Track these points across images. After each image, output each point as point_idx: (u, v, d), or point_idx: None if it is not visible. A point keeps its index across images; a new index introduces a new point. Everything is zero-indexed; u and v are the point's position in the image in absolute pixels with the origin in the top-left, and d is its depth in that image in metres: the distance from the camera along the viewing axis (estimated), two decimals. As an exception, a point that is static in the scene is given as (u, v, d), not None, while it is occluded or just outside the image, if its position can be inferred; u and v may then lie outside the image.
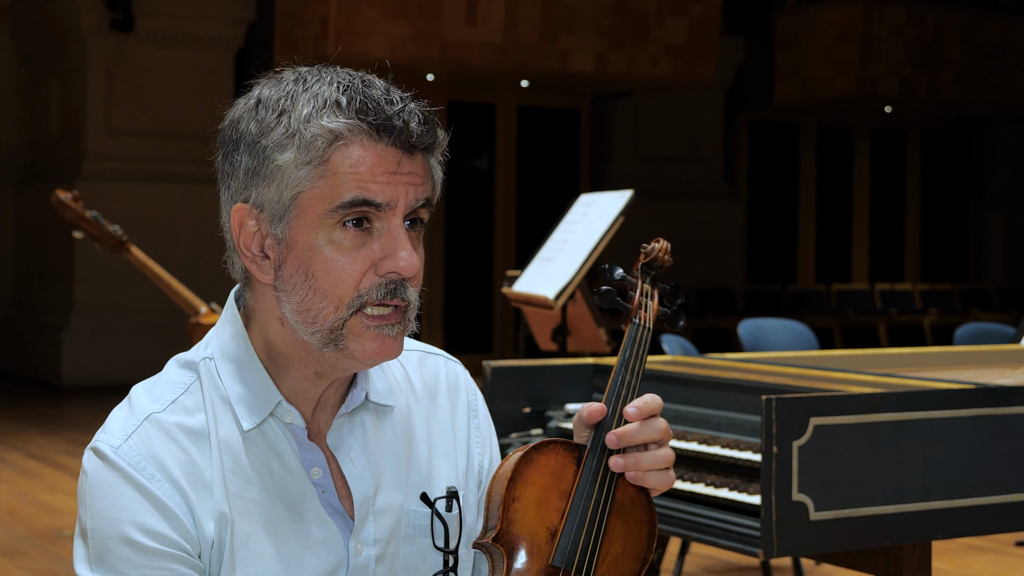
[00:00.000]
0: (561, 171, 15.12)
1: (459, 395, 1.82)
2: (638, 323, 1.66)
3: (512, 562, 1.58)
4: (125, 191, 12.86)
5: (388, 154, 1.56)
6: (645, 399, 1.62)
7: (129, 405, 1.65)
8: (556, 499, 1.59)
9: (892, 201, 18.15)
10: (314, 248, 1.56)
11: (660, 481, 1.62)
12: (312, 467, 1.65)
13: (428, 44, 12.22)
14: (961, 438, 2.94)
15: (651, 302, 1.69)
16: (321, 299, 1.57)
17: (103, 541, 1.57)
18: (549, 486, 1.60)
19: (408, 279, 1.58)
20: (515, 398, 3.52)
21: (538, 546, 1.58)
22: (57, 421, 10.93)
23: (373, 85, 1.58)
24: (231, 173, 1.61)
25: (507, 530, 1.58)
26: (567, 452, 1.62)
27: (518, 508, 1.58)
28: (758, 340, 5.97)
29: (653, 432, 1.61)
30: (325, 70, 1.61)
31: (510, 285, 5.59)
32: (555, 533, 1.59)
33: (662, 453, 1.61)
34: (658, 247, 1.70)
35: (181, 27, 13.27)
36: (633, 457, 1.60)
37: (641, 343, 1.65)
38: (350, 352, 1.59)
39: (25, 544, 6.45)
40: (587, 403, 1.64)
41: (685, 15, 13.45)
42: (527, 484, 1.59)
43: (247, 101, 1.61)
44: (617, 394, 1.62)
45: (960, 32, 15.84)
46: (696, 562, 6.04)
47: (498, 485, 1.60)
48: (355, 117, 1.55)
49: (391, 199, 1.56)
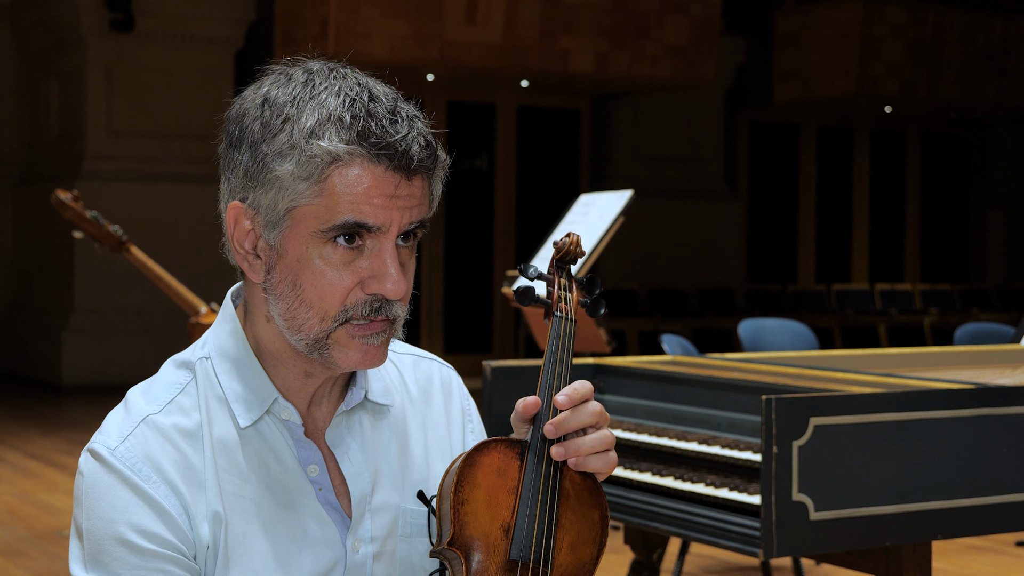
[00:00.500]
0: (561, 171, 15.12)
1: (452, 399, 1.83)
2: (560, 315, 1.70)
3: (470, 563, 1.60)
4: (125, 191, 12.86)
5: (387, 177, 1.56)
6: (574, 386, 1.63)
7: (125, 407, 1.65)
8: (504, 496, 1.61)
9: (892, 201, 18.15)
10: (304, 260, 1.57)
11: (601, 463, 1.63)
12: (309, 464, 1.66)
13: (428, 44, 12.22)
14: (961, 438, 2.94)
15: (570, 295, 1.72)
16: (307, 310, 1.58)
17: (99, 542, 1.57)
18: (496, 484, 1.62)
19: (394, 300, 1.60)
20: (515, 398, 3.49)
21: (493, 544, 1.60)
22: (57, 421, 10.93)
23: (379, 100, 1.57)
24: (231, 167, 1.62)
25: (460, 533, 1.60)
26: (509, 449, 1.64)
27: (468, 510, 1.60)
28: (758, 340, 5.97)
29: (587, 416, 1.62)
30: (335, 74, 1.59)
31: (510, 285, 5.59)
32: (508, 529, 1.61)
33: (599, 435, 1.62)
34: (569, 240, 1.73)
35: (181, 27, 13.27)
36: (573, 444, 1.61)
37: (566, 334, 1.68)
38: (334, 361, 1.60)
39: (25, 544, 6.45)
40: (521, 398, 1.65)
41: (685, 15, 13.45)
42: (473, 485, 1.61)
43: (255, 96, 1.61)
44: (549, 386, 1.65)
45: (960, 32, 15.84)
46: (696, 562, 6.03)
47: (445, 491, 1.62)
48: (356, 141, 1.54)
49: (384, 222, 1.56)
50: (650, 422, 3.54)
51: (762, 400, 2.76)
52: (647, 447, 3.40)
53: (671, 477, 3.28)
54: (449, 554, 1.61)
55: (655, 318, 13.09)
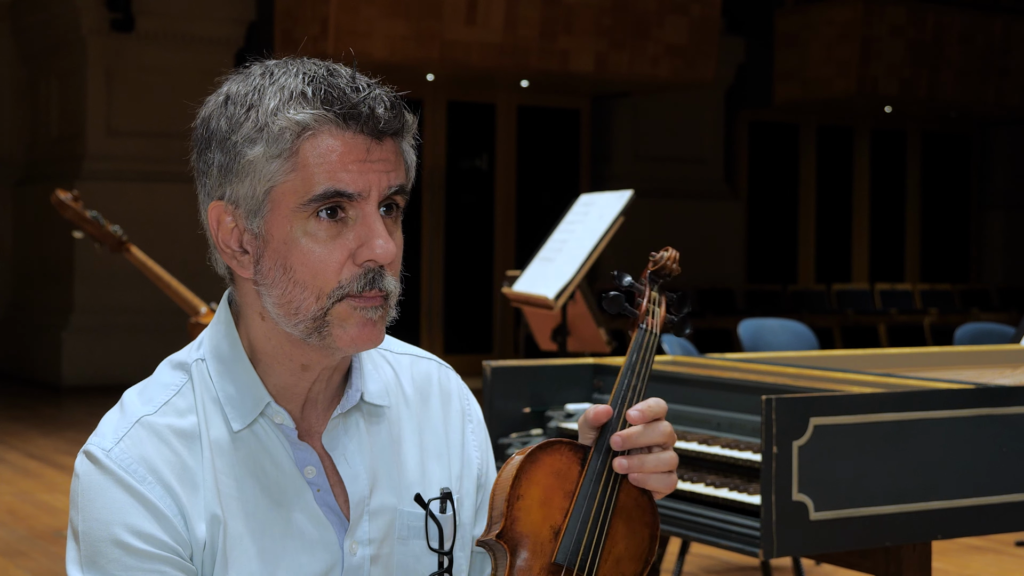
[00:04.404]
0: (561, 171, 15.12)
1: (451, 399, 1.82)
2: (645, 328, 1.70)
3: (515, 559, 1.60)
4: (125, 191, 12.86)
5: (357, 142, 1.56)
6: (649, 403, 1.63)
7: (121, 409, 1.65)
8: (560, 498, 1.61)
9: (892, 201, 18.14)
10: (290, 240, 1.57)
11: (662, 484, 1.63)
12: (306, 466, 1.65)
13: (428, 44, 12.22)
14: (961, 438, 2.94)
15: (658, 309, 1.72)
16: (302, 290, 1.57)
17: (95, 543, 1.57)
18: (553, 485, 1.62)
19: (386, 266, 1.59)
20: (515, 398, 3.52)
21: (541, 544, 1.60)
22: (57, 421, 10.93)
23: (338, 74, 1.59)
24: (205, 171, 1.63)
25: (511, 527, 1.60)
26: (572, 452, 1.64)
27: (522, 506, 1.60)
28: (758, 340, 5.97)
29: (657, 435, 1.62)
30: (292, 62, 1.61)
31: (510, 285, 5.59)
32: (558, 532, 1.60)
33: (665, 456, 1.63)
34: (667, 256, 1.74)
35: (181, 27, 13.27)
36: (637, 459, 1.61)
37: (647, 348, 1.68)
38: (333, 339, 1.59)
39: (25, 544, 6.45)
40: (593, 405, 1.66)
41: (685, 15, 13.45)
42: (532, 483, 1.61)
43: (216, 98, 1.63)
44: (623, 397, 1.65)
45: (960, 32, 15.84)
46: (696, 562, 6.03)
47: (503, 483, 1.62)
48: (321, 107, 1.55)
49: (363, 188, 1.56)
50: (650, 422, 3.53)
51: (762, 400, 2.76)
52: (647, 447, 3.40)
53: (671, 477, 3.27)
54: (496, 547, 1.61)
55: (655, 318, 13.05)
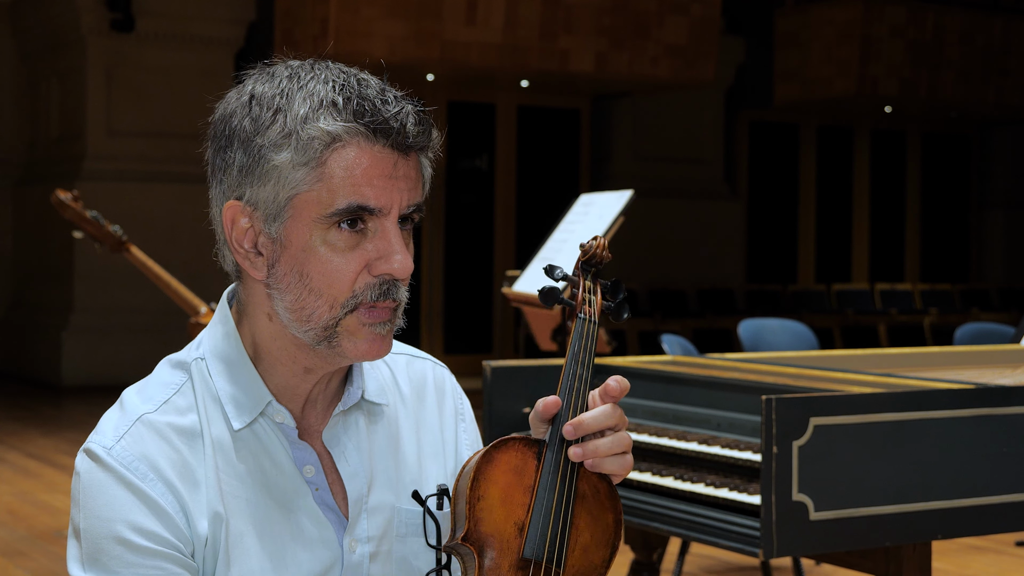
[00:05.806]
0: (561, 171, 15.11)
1: (445, 398, 1.83)
2: (584, 317, 1.71)
3: (483, 559, 1.61)
4: (125, 191, 12.86)
5: (384, 156, 1.56)
6: (617, 378, 1.64)
7: (121, 407, 1.65)
8: (520, 494, 1.62)
9: (892, 201, 18.14)
10: (309, 248, 1.57)
11: (618, 466, 1.63)
12: (305, 465, 1.66)
13: (428, 44, 12.22)
14: (961, 438, 2.94)
15: (594, 297, 1.74)
16: (316, 298, 1.58)
17: (96, 541, 1.57)
18: (512, 482, 1.63)
19: (400, 279, 1.60)
20: (515, 398, 3.52)
21: (507, 541, 1.61)
22: (57, 421, 10.93)
23: (368, 84, 1.59)
24: (223, 168, 1.61)
25: (475, 529, 1.61)
26: (526, 447, 1.65)
27: (484, 507, 1.61)
28: (758, 340, 5.97)
29: (607, 418, 1.63)
30: (318, 66, 1.61)
31: (510, 285, 5.59)
32: (523, 527, 1.62)
33: (616, 437, 1.63)
34: (595, 244, 1.76)
35: (181, 27, 13.27)
36: (591, 444, 1.62)
37: (588, 336, 1.70)
38: (342, 350, 1.60)
39: (25, 544, 6.45)
40: (542, 398, 1.66)
41: (685, 15, 13.44)
42: (490, 482, 1.62)
43: (239, 96, 1.61)
44: (570, 387, 1.65)
45: (960, 32, 15.84)
46: (696, 562, 6.03)
47: (462, 487, 1.63)
48: (353, 119, 1.55)
49: (386, 204, 1.57)
50: (650, 422, 3.54)
51: (762, 400, 2.76)
52: (647, 447, 3.40)
53: (671, 477, 3.28)
54: (462, 549, 1.62)
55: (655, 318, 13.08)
